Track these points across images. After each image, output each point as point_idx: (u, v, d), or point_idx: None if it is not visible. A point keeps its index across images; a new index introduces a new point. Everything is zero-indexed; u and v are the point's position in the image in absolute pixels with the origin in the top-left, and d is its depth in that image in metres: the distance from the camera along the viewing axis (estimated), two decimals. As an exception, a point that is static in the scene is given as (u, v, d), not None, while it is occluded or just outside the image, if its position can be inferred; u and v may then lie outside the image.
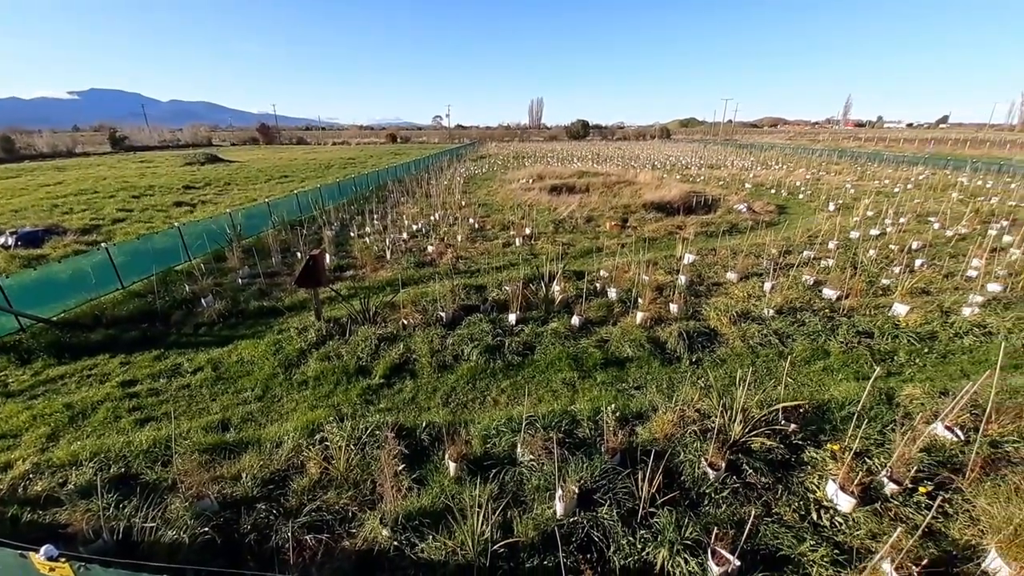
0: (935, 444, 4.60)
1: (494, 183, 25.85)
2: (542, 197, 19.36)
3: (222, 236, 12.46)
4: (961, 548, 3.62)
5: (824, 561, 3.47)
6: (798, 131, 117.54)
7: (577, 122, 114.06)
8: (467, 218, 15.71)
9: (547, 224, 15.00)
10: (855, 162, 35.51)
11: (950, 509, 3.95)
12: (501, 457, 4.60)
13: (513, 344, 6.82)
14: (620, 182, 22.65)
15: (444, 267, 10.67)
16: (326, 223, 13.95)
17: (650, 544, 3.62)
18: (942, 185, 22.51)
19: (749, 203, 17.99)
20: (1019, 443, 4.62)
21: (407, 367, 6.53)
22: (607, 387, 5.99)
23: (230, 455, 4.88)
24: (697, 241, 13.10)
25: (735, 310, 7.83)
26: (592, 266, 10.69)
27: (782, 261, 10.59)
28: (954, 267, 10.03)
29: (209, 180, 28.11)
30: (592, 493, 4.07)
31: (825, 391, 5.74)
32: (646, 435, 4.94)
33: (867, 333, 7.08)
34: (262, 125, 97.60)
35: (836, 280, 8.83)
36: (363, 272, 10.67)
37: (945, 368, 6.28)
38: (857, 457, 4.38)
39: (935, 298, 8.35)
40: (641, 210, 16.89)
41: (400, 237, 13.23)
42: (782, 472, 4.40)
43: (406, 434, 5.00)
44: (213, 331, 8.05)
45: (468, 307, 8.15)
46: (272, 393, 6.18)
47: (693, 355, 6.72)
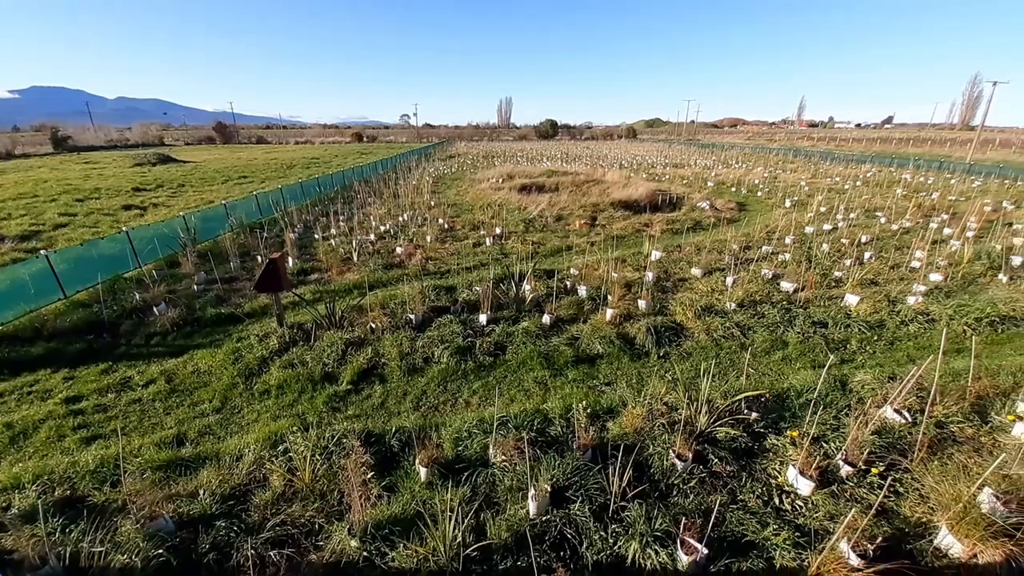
0: (885, 427, 4.85)
1: (464, 182, 25.67)
2: (512, 196, 19.36)
3: (175, 241, 11.83)
4: (913, 525, 3.83)
5: (787, 544, 3.59)
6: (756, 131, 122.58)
7: (546, 122, 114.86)
8: (437, 218, 15.54)
9: (517, 223, 15.01)
10: (809, 161, 37.30)
11: (901, 488, 4.17)
12: (473, 459, 4.55)
13: (484, 345, 6.77)
14: (589, 181, 22.93)
15: (413, 268, 10.50)
16: (288, 225, 13.49)
17: (622, 538, 3.66)
18: (888, 182, 23.94)
19: (712, 201, 18.57)
20: (963, 423, 4.95)
21: (376, 372, 6.38)
22: (578, 384, 6.03)
23: (186, 471, 4.63)
24: (663, 238, 13.42)
25: (700, 304, 8.05)
26: (562, 264, 10.77)
27: (743, 256, 11.00)
28: (899, 259, 10.67)
29: (161, 182, 26.67)
30: (565, 491, 4.08)
31: (784, 380, 5.97)
32: (617, 430, 5.00)
33: (822, 323, 7.43)
34: (218, 123, 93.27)
35: (793, 273, 9.22)
36: (329, 275, 10.37)
37: (893, 354, 6.66)
38: (815, 442, 4.57)
39: (883, 288, 8.85)
40: (609, 208, 17.16)
41: (367, 239, 12.94)
42: (746, 460, 4.55)
43: (375, 441, 4.87)
44: (167, 341, 7.63)
45: (438, 308, 8.05)
46: (232, 404, 5.90)
47: (661, 349, 6.86)
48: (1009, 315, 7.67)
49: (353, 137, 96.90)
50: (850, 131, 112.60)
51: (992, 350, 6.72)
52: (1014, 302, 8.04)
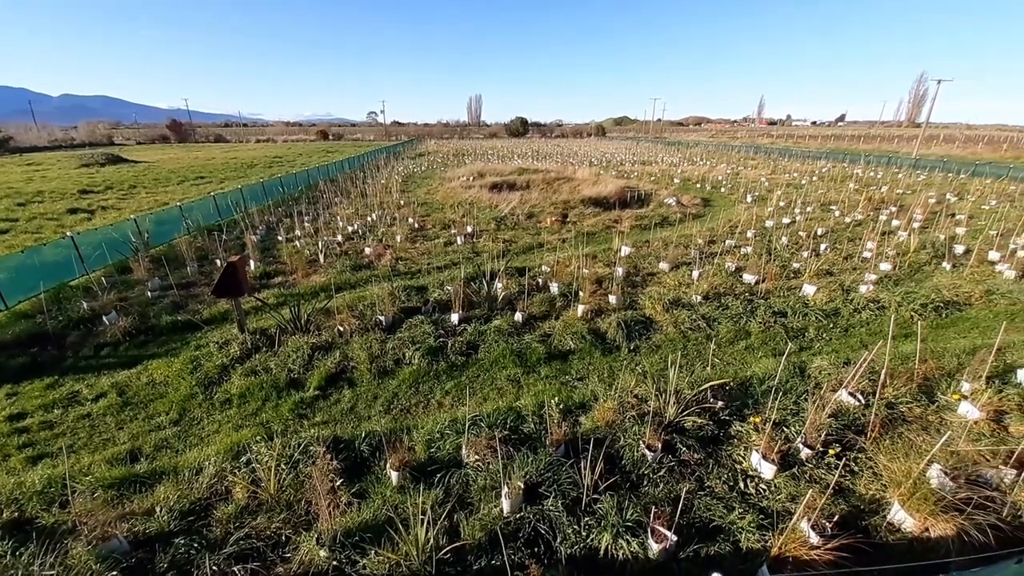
0: (841, 409, 5.09)
1: (434, 181, 25.39)
2: (483, 194, 19.28)
3: (126, 245, 11.20)
4: (867, 502, 4.04)
5: (751, 527, 3.72)
6: (719, 129, 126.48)
7: (516, 119, 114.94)
8: (406, 218, 15.30)
9: (489, 222, 14.96)
10: (769, 158, 38.76)
11: (855, 467, 4.39)
12: (446, 461, 4.50)
13: (456, 344, 6.71)
14: (559, 178, 23.08)
15: (383, 269, 10.30)
16: (249, 227, 12.98)
17: (594, 530, 3.70)
18: (841, 177, 25.15)
19: (678, 197, 19.04)
20: (911, 403, 5.25)
21: (344, 376, 6.22)
22: (551, 381, 6.07)
23: (142, 488, 4.40)
24: (632, 234, 13.66)
25: (667, 298, 8.24)
26: (534, 262, 10.80)
27: (708, 250, 11.32)
28: (852, 250, 11.23)
29: (111, 183, 25.20)
30: (538, 487, 4.09)
31: (747, 368, 6.18)
32: (589, 424, 5.05)
33: (782, 313, 7.74)
34: (173, 121, 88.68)
35: (754, 266, 9.56)
36: (293, 278, 10.04)
37: (847, 340, 7.00)
38: (776, 427, 4.75)
39: (837, 278, 9.29)
40: (580, 205, 17.33)
41: (334, 240, 12.60)
42: (712, 447, 4.69)
43: (345, 447, 4.75)
44: (118, 352, 7.22)
45: (409, 309, 7.92)
46: (190, 416, 5.64)
47: (631, 343, 6.98)
48: (952, 300, 8.20)
49: (318, 135, 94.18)
50: (806, 129, 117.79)
51: (937, 334, 7.17)
52: (957, 288, 8.60)
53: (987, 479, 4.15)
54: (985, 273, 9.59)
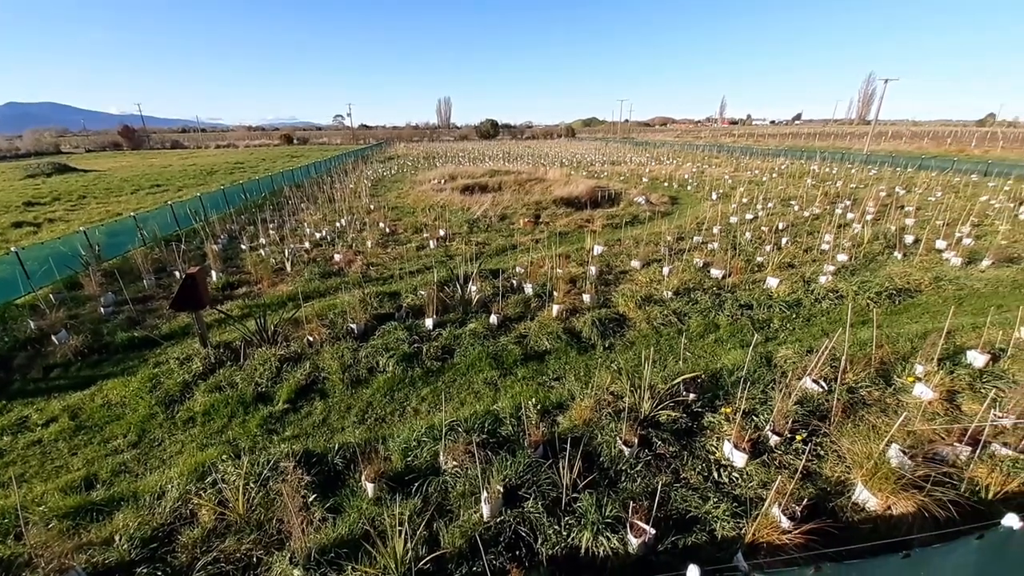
0: (806, 396, 5.29)
1: (404, 184, 25.07)
2: (455, 197, 19.16)
3: (76, 259, 10.56)
4: (834, 484, 4.20)
5: (726, 516, 3.81)
6: (684, 129, 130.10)
7: (487, 121, 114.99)
8: (377, 222, 15.03)
9: (461, 224, 14.88)
10: (731, 156, 40.11)
11: (821, 451, 4.56)
12: (424, 469, 4.42)
13: (431, 350, 6.62)
14: (531, 180, 23.19)
15: (354, 276, 10.07)
16: (210, 236, 12.46)
17: (575, 529, 3.70)
18: (799, 173, 26.27)
19: (647, 196, 19.44)
20: (870, 387, 5.51)
21: (315, 387, 6.04)
22: (528, 382, 6.06)
23: (99, 516, 4.14)
24: (604, 233, 13.85)
25: (640, 295, 8.38)
26: (508, 263, 10.80)
27: (677, 247, 11.59)
28: (811, 242, 11.72)
29: (58, 194, 23.75)
30: (517, 489, 4.07)
31: (717, 360, 6.35)
32: (567, 424, 5.07)
33: (748, 305, 7.99)
34: (125, 127, 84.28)
35: (721, 261, 9.85)
36: (259, 288, 9.69)
37: (810, 329, 7.29)
38: (746, 416, 4.89)
39: (798, 270, 9.68)
40: (552, 206, 17.45)
41: (301, 247, 12.24)
42: (687, 439, 4.78)
43: (317, 460, 4.60)
44: (70, 373, 6.78)
45: (382, 316, 7.77)
46: (150, 437, 5.34)
47: (606, 341, 7.06)
48: (904, 288, 8.66)
49: (282, 139, 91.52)
50: (765, 128, 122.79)
51: (892, 320, 7.56)
52: (908, 276, 9.10)
53: (943, 456, 4.39)
54: (933, 261, 10.19)
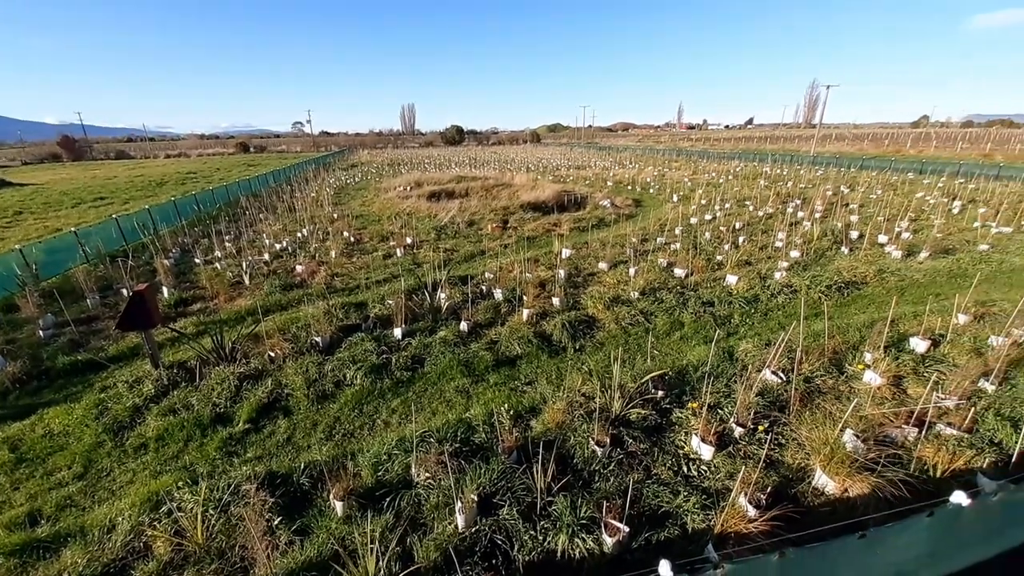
0: (766, 387, 5.51)
1: (369, 192, 24.62)
2: (421, 204, 18.97)
3: (11, 280, 9.77)
4: (795, 471, 4.38)
5: (696, 508, 3.90)
6: (645, 134, 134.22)
7: (452, 128, 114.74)
8: (341, 231, 14.66)
9: (429, 231, 14.73)
10: (690, 159, 41.61)
11: (782, 440, 4.75)
12: (395, 483, 4.31)
13: (401, 360, 6.49)
14: (498, 185, 23.27)
15: (317, 287, 9.76)
16: (160, 251, 11.80)
17: (550, 533, 3.70)
18: (752, 175, 27.52)
19: (612, 199, 19.87)
20: (824, 376, 5.80)
21: (278, 405, 5.79)
22: (500, 388, 6.03)
23: (46, 554, 3.84)
24: (572, 236, 14.04)
25: (608, 296, 8.53)
26: (477, 269, 10.76)
27: (641, 248, 11.89)
28: (766, 241, 12.28)
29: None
30: (492, 497, 4.03)
31: (683, 357, 6.53)
32: (540, 427, 5.08)
33: (710, 303, 8.28)
34: (65, 138, 78.78)
35: (683, 260, 10.17)
36: (215, 303, 9.24)
37: (767, 323, 7.61)
38: (711, 410, 5.05)
39: (755, 267, 10.11)
40: (519, 211, 17.55)
41: (260, 259, 11.78)
42: (656, 436, 4.88)
43: (282, 481, 4.40)
44: (8, 402, 6.25)
45: (348, 327, 7.56)
46: (98, 467, 4.98)
47: (576, 343, 7.13)
48: (851, 280, 9.20)
49: (237, 148, 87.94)
50: (721, 132, 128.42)
51: (841, 311, 8.00)
52: (854, 269, 9.67)
53: (893, 438, 4.66)
54: (876, 255, 10.88)
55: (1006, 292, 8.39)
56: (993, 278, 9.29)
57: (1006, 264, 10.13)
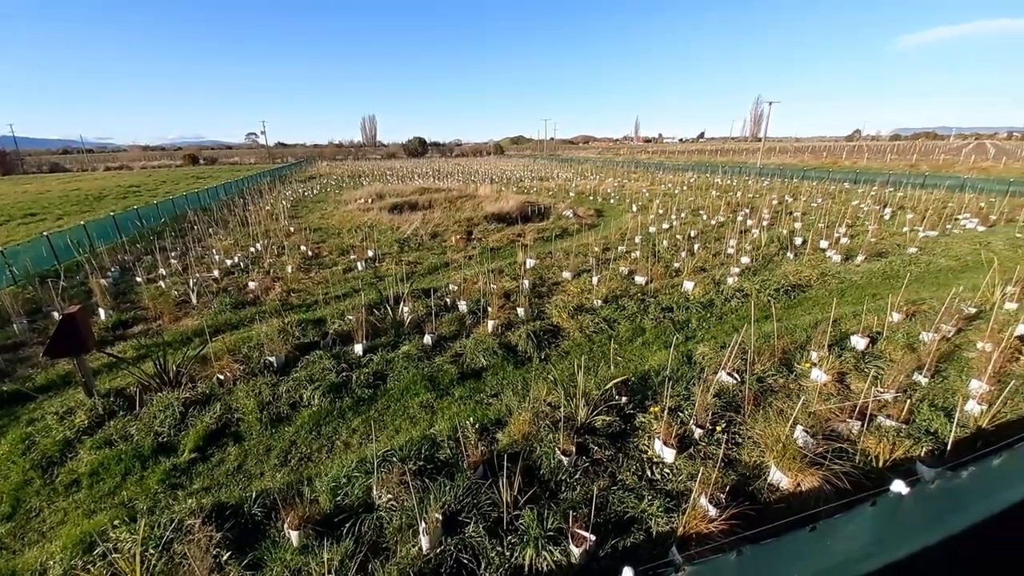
0: (723, 389, 5.71)
1: (328, 205, 23.99)
2: (383, 216, 18.66)
3: (-84, 305, 8.77)
4: (751, 469, 4.53)
5: (660, 512, 3.95)
6: (604, 147, 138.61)
7: (414, 139, 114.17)
8: (298, 245, 14.17)
9: (391, 244, 14.48)
10: (647, 171, 43.16)
11: (739, 439, 4.92)
12: (355, 507, 4.13)
13: (362, 377, 6.29)
14: (462, 196, 23.26)
15: (272, 304, 9.34)
16: (97, 270, 10.96)
17: (517, 547, 3.65)
18: (705, 186, 28.85)
19: (574, 209, 20.27)
20: (775, 375, 6.07)
21: (228, 430, 5.46)
22: (466, 401, 5.94)
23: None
24: (536, 246, 14.17)
25: (572, 305, 8.64)
26: (441, 282, 10.65)
27: (604, 257, 12.16)
28: (719, 248, 12.85)
29: None
30: (457, 515, 3.93)
31: (645, 362, 6.68)
32: (506, 440, 5.02)
33: (669, 308, 8.54)
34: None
35: (643, 268, 10.47)
36: (158, 324, 8.65)
37: (722, 326, 7.92)
38: (672, 413, 5.17)
39: (710, 273, 10.55)
40: (484, 222, 17.58)
41: (209, 276, 11.17)
42: (621, 441, 4.94)
43: (232, 513, 4.13)
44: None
45: (305, 345, 7.26)
46: (27, 507, 4.51)
47: (542, 352, 7.15)
48: (797, 284, 9.74)
49: (186, 160, 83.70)
50: (675, 145, 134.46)
51: (789, 313, 8.44)
52: (799, 273, 10.26)
53: (839, 432, 4.92)
54: (819, 259, 11.59)
55: (934, 291, 9.12)
56: (922, 278, 10.10)
57: (933, 265, 11.04)
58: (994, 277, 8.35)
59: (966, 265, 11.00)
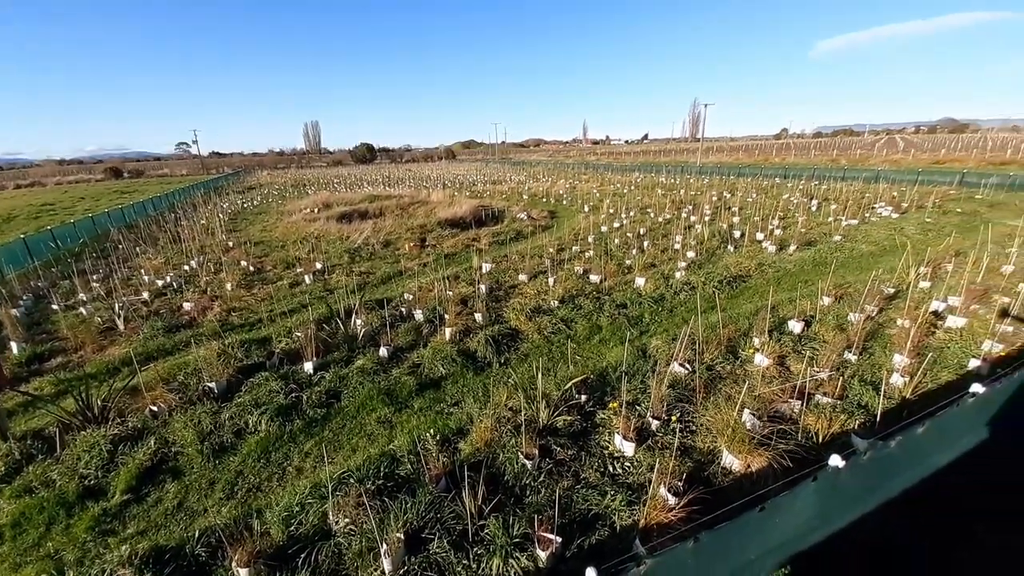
0: (676, 380, 5.92)
1: (270, 216, 22.85)
2: (331, 226, 17.98)
3: None
4: (705, 455, 4.72)
5: (623, 506, 4.02)
6: (555, 149, 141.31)
7: (362, 145, 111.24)
8: (238, 261, 13.35)
9: (341, 255, 13.96)
10: (596, 172, 44.40)
11: (693, 427, 5.11)
12: (310, 535, 3.90)
13: (313, 396, 5.99)
14: (414, 203, 22.89)
15: (210, 325, 8.72)
16: (5, 299, 9.82)
17: (484, 558, 3.58)
18: (651, 185, 30.04)
19: (528, 212, 20.46)
20: (723, 363, 6.37)
21: (166, 466, 5.02)
22: (425, 413, 5.80)
23: None
24: (491, 250, 14.15)
25: (529, 307, 8.67)
26: (395, 291, 10.38)
27: (559, 257, 12.33)
28: (666, 244, 13.39)
29: None
30: (421, 531, 3.81)
31: (603, 359, 6.81)
32: (468, 448, 4.95)
33: (623, 305, 8.78)
34: None
35: (597, 267, 10.71)
36: (80, 356, 7.84)
37: (673, 319, 8.23)
38: (630, 407, 5.30)
39: (659, 269, 10.95)
40: (437, 228, 17.37)
41: (138, 299, 10.28)
42: (583, 440, 4.99)
43: (171, 556, 3.78)
44: None
45: (249, 367, 6.83)
46: (-79, 577, 3.91)
47: (501, 357, 7.11)
48: (738, 275, 10.31)
49: (107, 173, 76.74)
50: (622, 147, 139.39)
51: (732, 303, 8.90)
52: (739, 265, 10.86)
53: (783, 413, 5.22)
54: (756, 251, 12.34)
55: (858, 275, 9.94)
56: (847, 263, 10.99)
57: (855, 251, 12.04)
58: (908, 259, 9.23)
59: (884, 249, 12.09)
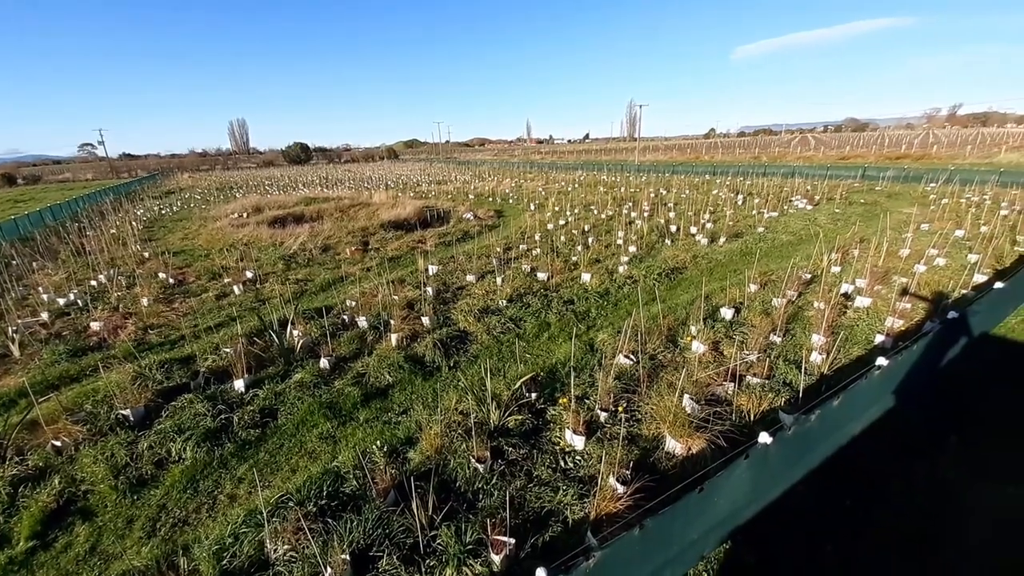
0: (622, 371, 6.10)
1: (193, 223, 21.07)
2: (262, 232, 16.87)
3: None
4: (651, 441, 4.89)
5: (574, 499, 4.08)
6: (500, 148, 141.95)
7: (295, 145, 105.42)
8: (155, 272, 12.16)
9: (275, 262, 13.12)
10: (541, 171, 45.03)
11: (638, 416, 5.28)
12: (246, 568, 3.61)
13: (246, 416, 5.56)
14: (355, 205, 22.02)
15: (123, 346, 7.84)
16: None
17: (437, 569, 3.49)
18: (593, 183, 30.93)
19: (475, 212, 20.32)
20: (664, 352, 6.64)
21: (75, 507, 4.44)
22: (372, 424, 5.57)
23: None
24: (437, 252, 13.91)
25: (478, 308, 8.60)
26: (336, 298, 9.90)
27: (506, 256, 12.35)
28: (609, 239, 13.83)
29: None
30: (368, 550, 3.64)
31: (552, 356, 6.89)
32: (418, 457, 4.80)
33: (570, 301, 8.94)
34: None
35: (544, 264, 10.84)
36: (-40, 390, 6.79)
37: (618, 312, 8.50)
38: (579, 401, 5.39)
39: (603, 264, 11.27)
40: (381, 231, 16.80)
41: (36, 320, 9.07)
42: (534, 438, 5.01)
43: (79, 610, 3.35)
44: None
45: (170, 390, 6.22)
46: None
47: (450, 360, 6.98)
48: (675, 267, 10.84)
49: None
50: (565, 146, 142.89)
51: (671, 294, 9.34)
52: (676, 257, 11.42)
53: (718, 395, 5.53)
54: (690, 243, 13.04)
55: (779, 263, 10.78)
56: (770, 252, 11.89)
57: (777, 241, 13.06)
58: (821, 247, 10.15)
59: (801, 238, 13.21)
